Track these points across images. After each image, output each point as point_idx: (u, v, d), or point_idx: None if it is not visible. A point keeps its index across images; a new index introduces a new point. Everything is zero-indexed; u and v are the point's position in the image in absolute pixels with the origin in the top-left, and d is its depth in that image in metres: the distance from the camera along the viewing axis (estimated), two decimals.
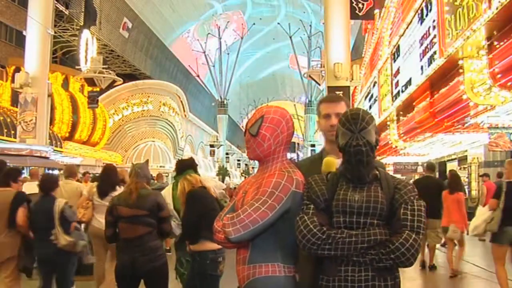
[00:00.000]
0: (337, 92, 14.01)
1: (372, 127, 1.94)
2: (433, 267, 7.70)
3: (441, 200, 7.42)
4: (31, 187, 7.21)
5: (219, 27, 49.38)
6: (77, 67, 22.40)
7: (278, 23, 49.50)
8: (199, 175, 4.33)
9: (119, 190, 4.80)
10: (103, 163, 20.03)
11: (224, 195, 6.76)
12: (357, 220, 1.90)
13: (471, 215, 7.13)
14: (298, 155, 64.97)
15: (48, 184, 4.61)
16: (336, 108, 2.29)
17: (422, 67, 9.87)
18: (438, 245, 8.30)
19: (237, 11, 50.77)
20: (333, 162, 2.11)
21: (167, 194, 4.54)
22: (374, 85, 16.56)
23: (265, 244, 2.02)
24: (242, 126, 61.67)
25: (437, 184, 7.91)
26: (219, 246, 3.69)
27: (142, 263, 3.66)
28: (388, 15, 14.33)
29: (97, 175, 8.80)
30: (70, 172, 6.40)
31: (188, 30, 47.38)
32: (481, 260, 8.32)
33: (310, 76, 17.25)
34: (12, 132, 17.84)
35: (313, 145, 40.09)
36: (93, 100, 19.61)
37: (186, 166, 4.23)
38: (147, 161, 4.38)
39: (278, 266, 2.01)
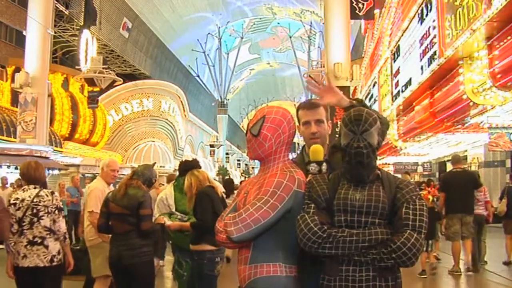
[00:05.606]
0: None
1: (374, 129, 1.93)
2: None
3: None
4: None
5: (219, 27, 49.35)
6: (77, 67, 22.34)
7: (278, 23, 49.50)
8: None
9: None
10: None
11: None
12: (358, 219, 1.90)
13: None
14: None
15: None
16: (315, 115, 2.32)
17: (422, 67, 9.86)
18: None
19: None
20: (320, 149, 2.14)
21: (169, 195, 4.53)
22: (374, 85, 16.54)
23: (266, 244, 2.01)
24: (242, 126, 61.60)
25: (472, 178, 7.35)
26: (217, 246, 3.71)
27: (126, 257, 3.81)
28: (388, 15, 14.31)
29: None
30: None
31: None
32: None
33: (310, 76, 17.24)
34: (12, 132, 17.82)
35: None
36: (93, 100, 19.59)
37: (189, 168, 4.25)
38: (153, 164, 4.45)
39: (280, 266, 2.00)
